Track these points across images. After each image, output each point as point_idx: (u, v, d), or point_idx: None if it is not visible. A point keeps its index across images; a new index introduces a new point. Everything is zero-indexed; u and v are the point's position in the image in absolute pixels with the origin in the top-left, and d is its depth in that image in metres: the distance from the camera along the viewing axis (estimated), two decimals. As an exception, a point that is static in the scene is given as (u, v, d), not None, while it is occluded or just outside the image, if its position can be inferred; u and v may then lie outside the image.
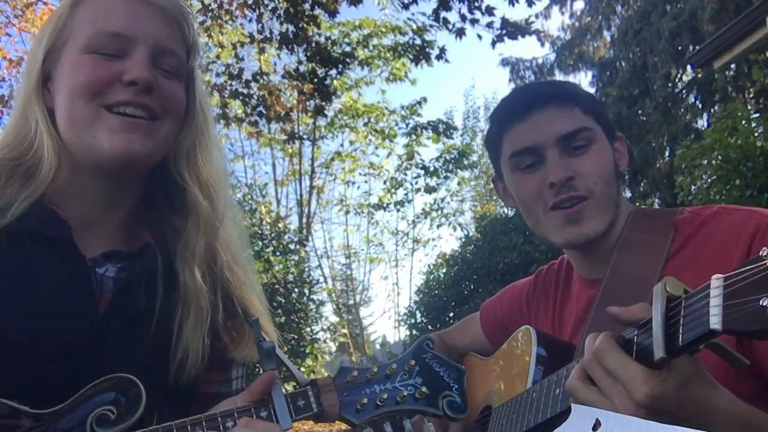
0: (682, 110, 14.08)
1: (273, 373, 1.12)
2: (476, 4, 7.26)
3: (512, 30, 7.37)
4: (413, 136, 20.32)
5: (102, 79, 1.17)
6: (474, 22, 7.36)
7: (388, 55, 17.23)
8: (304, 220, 20.71)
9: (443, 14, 7.48)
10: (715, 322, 0.81)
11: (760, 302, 0.74)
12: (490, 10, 7.30)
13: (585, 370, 1.03)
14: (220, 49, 9.01)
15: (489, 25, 7.37)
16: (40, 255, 1.15)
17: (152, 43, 1.21)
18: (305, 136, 18.19)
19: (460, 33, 7.43)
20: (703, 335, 0.84)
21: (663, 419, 0.90)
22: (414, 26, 9.02)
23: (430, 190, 20.90)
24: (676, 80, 14.62)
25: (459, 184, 23.12)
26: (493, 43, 7.43)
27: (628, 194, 13.71)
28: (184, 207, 1.29)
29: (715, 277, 0.84)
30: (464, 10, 7.34)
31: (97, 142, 1.17)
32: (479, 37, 7.46)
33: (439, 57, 8.18)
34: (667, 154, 13.93)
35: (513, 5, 7.17)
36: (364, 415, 1.12)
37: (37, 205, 1.17)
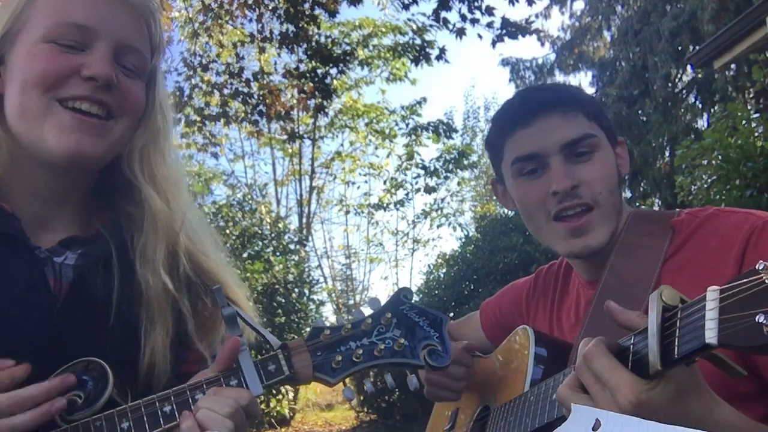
0: (683, 110, 14.07)
1: (237, 339, 1.09)
2: (476, 3, 7.27)
3: (512, 30, 7.37)
4: (413, 137, 20.31)
5: (59, 70, 1.12)
6: (474, 21, 7.36)
7: (388, 55, 17.21)
8: (304, 220, 20.70)
9: (443, 14, 7.48)
10: (710, 336, 0.81)
11: (756, 318, 0.74)
12: (490, 10, 7.31)
13: (577, 378, 1.02)
14: (220, 49, 9.01)
15: (489, 25, 7.38)
16: None
17: (116, 39, 1.16)
18: (305, 136, 18.18)
19: (460, 33, 7.43)
20: (698, 348, 0.84)
21: None
22: (414, 26, 9.03)
23: (430, 190, 20.87)
24: (676, 80, 14.62)
25: (459, 184, 23.10)
26: (494, 43, 7.44)
27: (628, 194, 13.71)
28: (135, 199, 1.25)
29: (711, 290, 0.83)
30: (464, 10, 7.34)
31: (45, 138, 1.13)
32: (479, 36, 7.47)
33: (439, 57, 8.19)
34: (667, 154, 13.92)
35: (513, 5, 7.17)
36: (339, 374, 1.08)
37: None
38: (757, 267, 0.76)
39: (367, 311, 1.15)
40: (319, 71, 8.55)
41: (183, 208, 1.28)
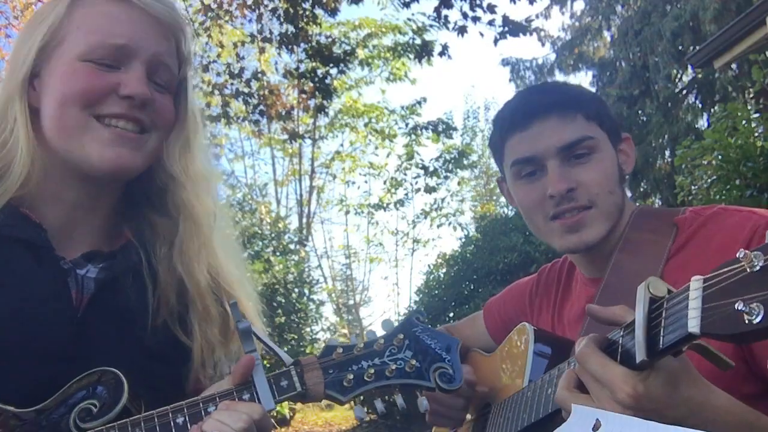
0: (683, 110, 14.06)
1: (252, 356, 1.10)
2: (477, 1, 7.27)
3: (514, 28, 7.38)
4: (413, 136, 20.32)
5: (97, 90, 1.16)
6: (476, 19, 7.36)
7: (388, 55, 17.22)
8: (304, 220, 20.72)
9: (444, 12, 7.48)
10: (693, 325, 0.81)
11: (735, 306, 0.74)
12: (491, 8, 7.30)
13: (573, 378, 1.03)
14: (220, 49, 9.01)
15: (491, 23, 7.37)
16: (15, 260, 1.14)
17: (149, 57, 1.20)
18: (305, 136, 18.18)
19: (461, 31, 7.43)
20: (682, 338, 0.84)
21: (656, 420, 0.90)
22: (414, 26, 9.04)
23: (430, 190, 20.88)
24: (677, 80, 14.61)
25: (459, 184, 23.12)
26: (495, 41, 7.43)
27: (628, 194, 13.68)
28: (168, 208, 1.29)
29: (695, 279, 0.83)
30: (465, 8, 7.35)
31: (85, 152, 1.16)
32: (481, 34, 7.48)
33: (442, 53, 8.17)
34: (667, 154, 13.92)
35: (514, 2, 7.17)
36: (350, 392, 1.08)
37: (9, 209, 1.15)
38: (737, 255, 0.76)
39: (379, 331, 1.16)
40: (318, 71, 8.55)
41: (214, 207, 1.33)
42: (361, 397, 1.11)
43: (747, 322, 0.73)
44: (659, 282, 0.92)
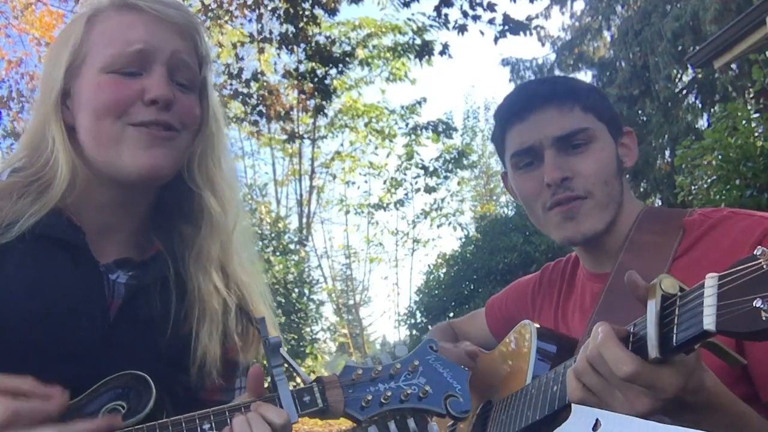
0: (683, 110, 14.07)
1: (258, 365, 1.15)
2: (477, 0, 7.27)
3: (514, 26, 7.38)
4: (413, 136, 20.33)
5: (124, 99, 1.19)
6: (476, 18, 7.36)
7: (388, 55, 17.23)
8: (304, 220, 20.74)
9: (445, 10, 7.49)
10: (708, 322, 0.81)
11: (753, 303, 0.74)
12: (491, 6, 7.30)
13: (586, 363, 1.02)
14: (219, 49, 9.02)
15: (491, 21, 7.37)
16: (54, 259, 1.18)
17: (168, 59, 1.23)
18: (305, 136, 18.19)
19: (461, 29, 7.43)
20: (697, 335, 0.84)
21: (672, 409, 0.92)
22: (414, 26, 9.04)
23: (429, 190, 20.90)
24: (677, 80, 14.62)
25: (459, 184, 23.14)
26: (496, 39, 7.43)
27: (628, 194, 13.68)
28: (194, 213, 1.31)
29: (710, 276, 0.83)
30: (466, 6, 7.35)
31: (122, 160, 1.20)
32: (482, 33, 7.47)
33: (442, 52, 8.18)
34: (667, 154, 13.93)
35: (514, 2, 7.18)
36: (368, 412, 1.13)
37: (53, 211, 1.19)
38: (755, 253, 0.77)
39: (387, 353, 1.21)
40: (318, 72, 8.56)
41: (236, 211, 1.35)
42: (376, 418, 1.16)
43: (765, 319, 0.73)
44: (671, 279, 0.92)
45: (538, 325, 1.48)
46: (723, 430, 0.96)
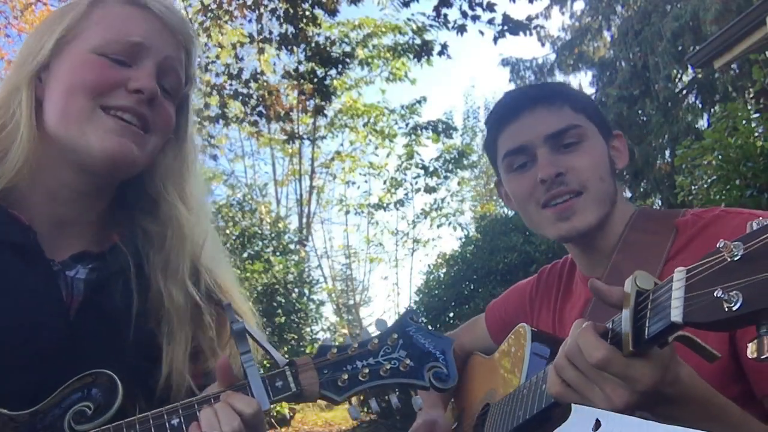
0: (683, 110, 14.06)
1: (225, 357, 1.13)
2: (477, 0, 7.27)
3: (514, 26, 7.38)
4: (413, 136, 20.32)
5: (107, 82, 1.18)
6: (475, 18, 7.36)
7: (388, 55, 17.21)
8: (304, 220, 20.73)
9: (444, 11, 7.48)
10: (675, 314, 0.83)
11: (715, 294, 0.75)
12: (491, 6, 7.30)
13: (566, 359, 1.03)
14: (219, 49, 9.00)
15: (490, 21, 7.37)
16: (2, 263, 1.14)
17: (161, 59, 1.24)
18: (305, 136, 18.18)
19: (461, 29, 7.43)
20: (666, 328, 0.86)
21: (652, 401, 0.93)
22: (414, 26, 9.04)
23: (430, 190, 20.89)
24: (677, 80, 14.62)
25: (459, 184, 23.13)
26: (495, 39, 7.43)
27: (628, 194, 13.70)
28: (158, 217, 1.30)
29: (678, 270, 0.85)
30: (465, 6, 7.35)
31: (86, 140, 1.17)
32: (481, 33, 7.47)
33: (441, 53, 8.18)
34: (667, 154, 13.92)
35: (514, 2, 7.18)
36: (345, 392, 1.09)
37: None
38: (717, 246, 0.78)
39: (373, 331, 1.16)
40: (318, 72, 8.55)
41: (207, 225, 1.35)
42: (361, 397, 1.12)
43: (726, 309, 0.74)
44: (647, 275, 0.94)
45: (533, 328, 1.49)
46: (704, 423, 0.97)
